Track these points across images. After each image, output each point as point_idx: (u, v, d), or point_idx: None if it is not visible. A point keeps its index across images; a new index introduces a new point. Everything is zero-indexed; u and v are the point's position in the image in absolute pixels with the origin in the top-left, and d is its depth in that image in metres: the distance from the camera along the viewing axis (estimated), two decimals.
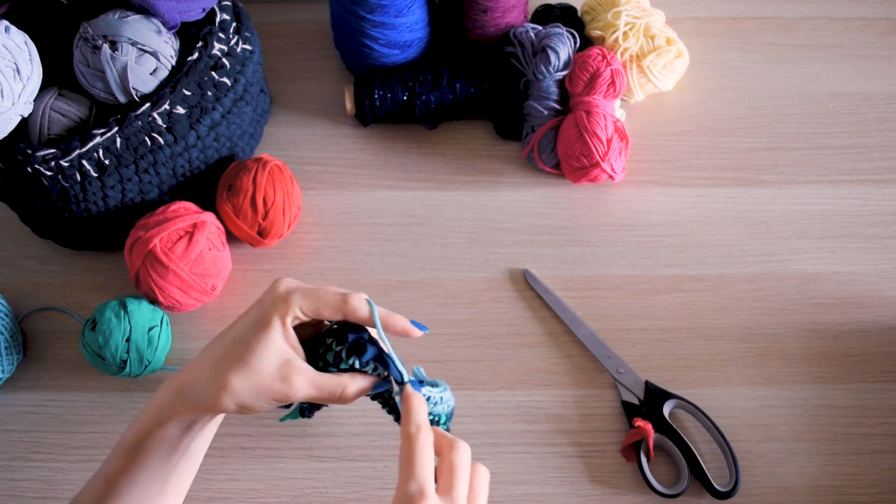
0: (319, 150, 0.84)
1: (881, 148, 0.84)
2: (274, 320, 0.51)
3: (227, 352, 0.51)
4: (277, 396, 0.51)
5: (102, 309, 0.69)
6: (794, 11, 0.93)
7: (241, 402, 0.50)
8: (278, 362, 0.51)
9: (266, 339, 0.51)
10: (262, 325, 0.51)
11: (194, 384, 0.51)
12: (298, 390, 0.51)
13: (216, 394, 0.50)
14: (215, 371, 0.51)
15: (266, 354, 0.50)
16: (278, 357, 0.51)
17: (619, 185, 0.81)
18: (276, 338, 0.51)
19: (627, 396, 0.70)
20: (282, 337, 0.51)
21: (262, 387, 0.50)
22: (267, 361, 0.50)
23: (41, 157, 0.66)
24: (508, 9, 0.82)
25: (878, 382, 0.72)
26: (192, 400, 0.51)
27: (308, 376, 0.51)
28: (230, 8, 0.75)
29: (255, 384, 0.50)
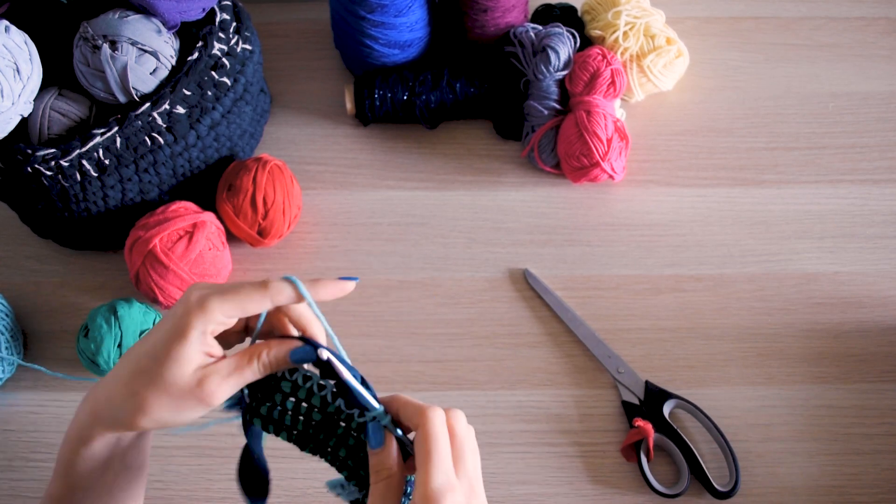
0: (319, 149, 0.84)
1: (881, 148, 0.84)
2: (191, 331, 0.46)
3: (140, 367, 0.47)
4: (198, 405, 0.47)
5: (94, 315, 0.69)
6: (793, 11, 0.93)
7: (161, 419, 0.47)
8: (192, 370, 0.46)
9: (182, 350, 0.46)
10: (177, 336, 0.46)
11: (109, 403, 0.48)
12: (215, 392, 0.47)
13: (133, 413, 0.47)
14: (129, 389, 0.47)
15: (180, 369, 0.46)
16: (192, 365, 0.46)
17: (619, 184, 0.81)
18: (191, 351, 0.46)
19: (627, 396, 0.70)
20: (198, 349, 0.47)
21: (180, 399, 0.46)
22: (180, 375, 0.46)
23: (41, 157, 0.66)
24: (508, 8, 0.82)
25: (878, 382, 0.72)
26: (109, 420, 0.48)
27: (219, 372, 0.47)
28: (230, 8, 0.75)
29: (174, 397, 0.46)
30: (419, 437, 0.46)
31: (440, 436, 0.45)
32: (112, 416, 0.48)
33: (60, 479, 0.50)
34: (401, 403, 0.48)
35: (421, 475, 0.44)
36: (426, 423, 0.46)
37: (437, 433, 0.45)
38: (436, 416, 0.46)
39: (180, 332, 0.46)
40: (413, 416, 0.47)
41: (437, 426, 0.46)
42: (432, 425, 0.46)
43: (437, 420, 0.46)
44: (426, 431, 0.45)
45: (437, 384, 0.72)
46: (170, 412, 0.47)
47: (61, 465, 0.50)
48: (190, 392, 0.46)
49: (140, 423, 0.47)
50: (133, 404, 0.47)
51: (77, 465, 0.50)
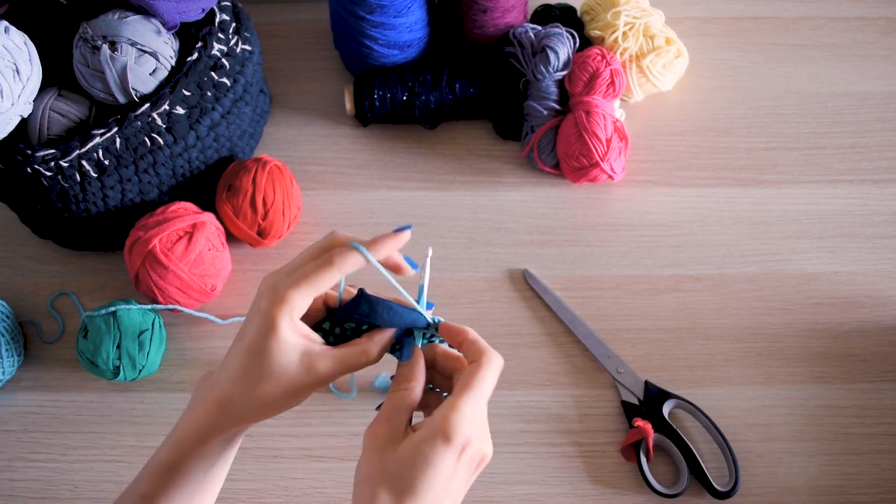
0: (319, 150, 0.84)
1: (880, 148, 0.84)
2: (280, 324, 0.50)
3: (247, 365, 0.50)
4: (310, 388, 0.50)
5: (92, 316, 0.69)
6: (793, 11, 0.93)
7: (280, 406, 0.50)
8: (297, 357, 0.50)
9: (279, 343, 0.50)
10: (269, 332, 0.50)
11: (232, 401, 0.51)
12: (326, 374, 0.50)
13: (256, 408, 0.50)
14: (247, 386, 0.50)
15: (284, 357, 0.49)
16: (296, 353, 0.50)
17: (619, 185, 0.81)
18: (287, 338, 0.50)
19: (627, 396, 0.70)
20: (292, 334, 0.50)
21: (292, 386, 0.50)
22: (287, 361, 0.50)
23: (41, 158, 0.66)
24: (508, 9, 0.82)
25: (878, 382, 0.72)
26: (236, 416, 0.51)
27: (330, 356, 0.50)
28: (230, 8, 0.75)
29: (287, 386, 0.50)
30: (471, 369, 0.48)
31: (489, 379, 0.48)
32: (238, 413, 0.51)
33: (158, 478, 0.51)
34: (468, 338, 0.51)
35: (455, 398, 0.47)
36: (484, 363, 0.49)
37: (492, 373, 0.49)
38: (497, 360, 0.49)
39: (270, 327, 0.49)
40: (474, 353, 0.50)
41: (493, 371, 0.49)
42: (489, 366, 0.49)
43: (496, 364, 0.49)
44: (483, 366, 0.48)
45: None
46: (286, 397, 0.50)
47: (165, 464, 0.51)
48: (300, 377, 0.49)
49: (265, 414, 0.50)
50: (254, 400, 0.50)
51: (187, 463, 0.51)
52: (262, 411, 0.50)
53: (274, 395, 0.50)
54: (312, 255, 0.51)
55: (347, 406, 0.70)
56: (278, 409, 0.51)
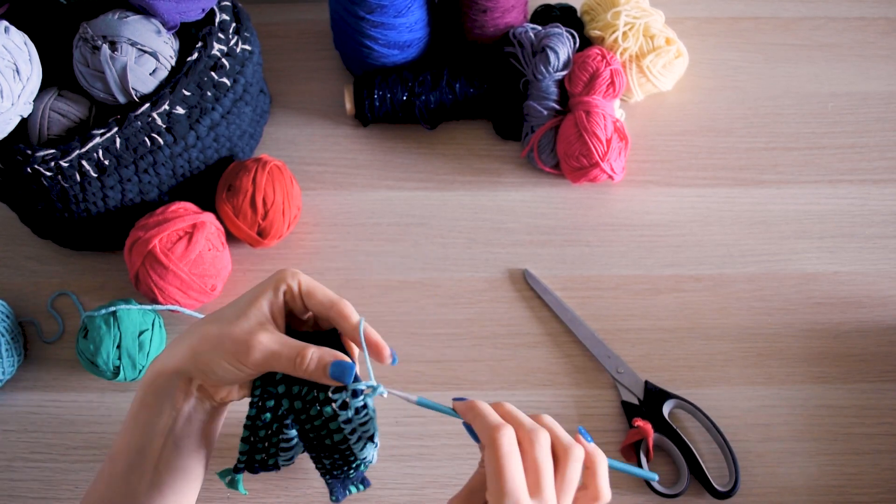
0: (319, 150, 0.84)
1: (880, 148, 0.84)
2: (267, 289, 0.51)
3: (219, 313, 0.52)
4: (238, 347, 0.49)
5: (92, 316, 0.69)
6: (793, 11, 0.93)
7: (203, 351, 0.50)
8: (254, 321, 0.50)
9: (254, 302, 0.51)
10: (256, 291, 0.52)
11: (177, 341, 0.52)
12: (261, 343, 0.49)
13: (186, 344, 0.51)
14: (197, 325, 0.52)
15: (245, 313, 0.50)
16: (256, 318, 0.50)
17: (619, 185, 0.81)
18: (262, 302, 0.51)
19: (627, 396, 0.70)
20: (268, 304, 0.51)
21: (228, 335, 0.49)
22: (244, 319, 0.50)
23: (41, 158, 0.66)
24: (508, 9, 0.82)
25: (878, 382, 0.72)
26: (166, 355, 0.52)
27: (276, 336, 0.50)
28: (230, 8, 0.75)
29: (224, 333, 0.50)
30: (487, 458, 0.46)
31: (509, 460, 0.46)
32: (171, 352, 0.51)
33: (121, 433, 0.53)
34: (474, 415, 0.49)
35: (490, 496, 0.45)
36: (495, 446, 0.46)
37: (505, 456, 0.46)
38: (505, 435, 0.46)
39: (260, 289, 0.52)
40: (482, 433, 0.48)
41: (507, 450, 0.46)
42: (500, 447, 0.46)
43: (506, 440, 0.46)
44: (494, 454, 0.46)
45: (437, 384, 0.72)
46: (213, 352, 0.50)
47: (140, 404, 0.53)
48: (240, 333, 0.49)
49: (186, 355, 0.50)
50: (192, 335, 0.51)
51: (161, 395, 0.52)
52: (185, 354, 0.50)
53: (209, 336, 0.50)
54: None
55: None
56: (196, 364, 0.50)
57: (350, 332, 0.52)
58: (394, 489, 0.67)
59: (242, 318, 0.50)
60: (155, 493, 0.51)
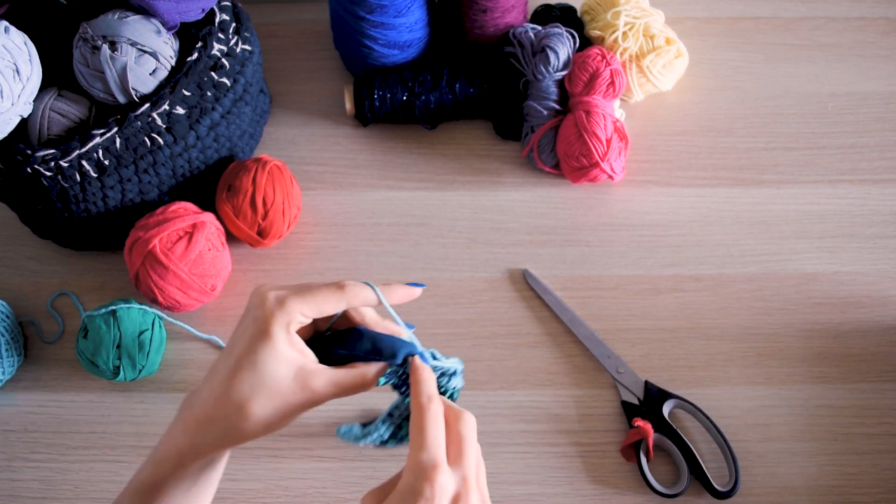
0: (319, 150, 0.84)
1: (880, 148, 0.84)
2: (276, 332, 0.47)
3: (236, 377, 0.47)
4: (302, 408, 0.48)
5: (92, 316, 0.69)
6: (793, 11, 0.93)
7: (268, 425, 0.48)
8: (292, 372, 0.47)
9: (273, 353, 0.47)
10: (264, 339, 0.47)
11: (213, 421, 0.48)
12: (321, 394, 0.48)
13: (240, 427, 0.47)
14: (232, 403, 0.47)
15: (279, 369, 0.47)
16: (290, 368, 0.47)
17: (619, 185, 0.81)
18: (283, 349, 0.47)
19: (627, 396, 0.70)
20: (288, 346, 0.48)
21: (284, 404, 0.47)
22: (281, 375, 0.47)
23: (41, 158, 0.66)
24: (508, 9, 0.82)
25: (878, 382, 0.72)
26: (215, 438, 0.48)
27: (326, 377, 0.48)
28: (230, 8, 0.75)
29: (277, 404, 0.47)
30: (453, 435, 0.47)
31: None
32: (218, 435, 0.48)
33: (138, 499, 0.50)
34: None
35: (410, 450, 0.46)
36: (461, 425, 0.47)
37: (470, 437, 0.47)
38: (471, 420, 0.48)
39: (266, 335, 0.47)
40: (448, 416, 0.48)
41: (471, 431, 0.47)
42: (466, 428, 0.47)
43: (471, 425, 0.47)
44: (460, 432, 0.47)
45: None
46: (274, 416, 0.47)
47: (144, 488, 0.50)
48: (293, 395, 0.47)
49: (248, 434, 0.47)
50: (239, 417, 0.47)
51: (166, 486, 0.49)
52: (246, 432, 0.47)
53: (262, 413, 0.47)
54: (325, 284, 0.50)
55: (348, 407, 0.70)
56: (264, 431, 0.48)
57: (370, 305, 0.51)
58: None
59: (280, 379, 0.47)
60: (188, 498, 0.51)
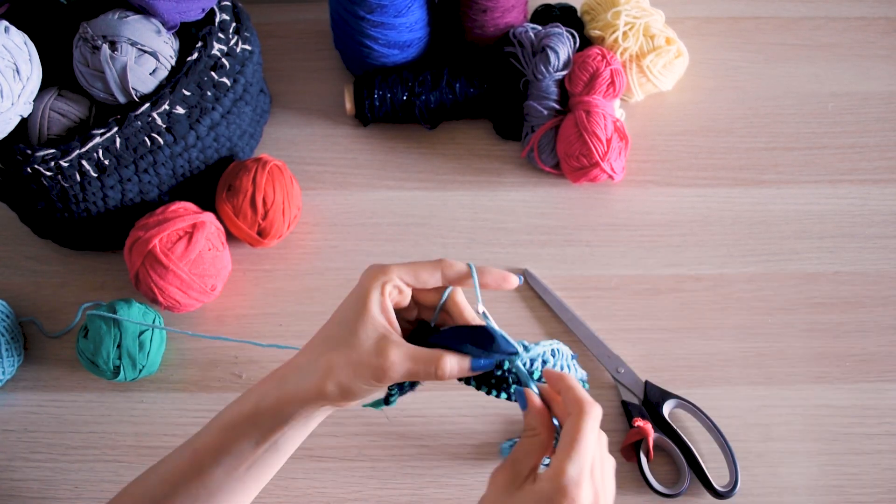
0: (319, 150, 0.84)
1: (881, 148, 0.84)
2: (372, 292, 0.50)
3: (328, 333, 0.51)
4: (375, 373, 0.49)
5: (93, 316, 0.69)
6: (793, 11, 0.93)
7: (341, 382, 0.49)
8: (375, 336, 0.50)
9: (364, 313, 0.50)
10: (360, 299, 0.51)
11: (298, 369, 0.51)
12: (395, 364, 0.49)
13: (318, 376, 0.50)
14: (316, 353, 0.51)
15: (363, 329, 0.50)
16: (374, 331, 0.50)
17: (619, 185, 0.81)
18: (373, 310, 0.50)
19: (627, 396, 0.70)
20: (379, 309, 0.50)
21: (358, 362, 0.49)
22: (364, 336, 0.49)
23: (41, 158, 0.66)
24: (508, 9, 0.82)
25: (878, 382, 0.72)
26: (293, 386, 0.50)
27: (404, 349, 0.50)
28: (230, 8, 0.75)
29: (353, 360, 0.49)
30: (571, 423, 0.47)
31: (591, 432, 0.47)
32: (296, 383, 0.50)
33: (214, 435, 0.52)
34: (565, 386, 0.49)
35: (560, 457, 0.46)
36: (584, 416, 0.47)
37: (590, 428, 0.47)
38: (595, 411, 0.48)
39: (364, 294, 0.51)
40: (572, 404, 0.48)
41: (592, 423, 0.47)
42: (588, 419, 0.47)
43: (594, 416, 0.47)
44: (581, 422, 0.47)
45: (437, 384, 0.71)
46: (348, 373, 0.49)
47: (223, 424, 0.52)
48: (369, 357, 0.49)
49: (324, 386, 0.49)
50: (318, 365, 0.50)
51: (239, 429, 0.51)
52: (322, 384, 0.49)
53: (338, 365, 0.49)
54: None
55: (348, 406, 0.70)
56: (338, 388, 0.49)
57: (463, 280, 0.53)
58: (394, 489, 0.67)
59: (363, 337, 0.49)
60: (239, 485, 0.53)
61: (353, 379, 0.49)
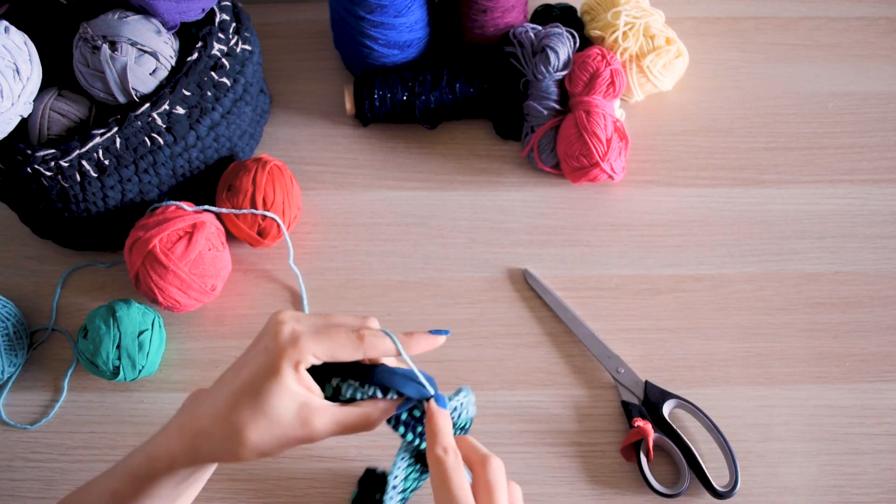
0: (319, 150, 0.84)
1: (881, 148, 0.84)
2: (285, 367, 0.48)
3: (239, 402, 0.48)
4: (300, 442, 0.48)
5: (92, 316, 0.69)
6: (793, 11, 0.93)
7: (262, 452, 0.48)
8: (295, 408, 0.48)
9: (279, 387, 0.47)
10: (272, 372, 0.48)
11: (210, 438, 0.49)
12: (321, 432, 0.48)
13: (235, 449, 0.48)
14: (230, 426, 0.48)
15: (282, 403, 0.47)
16: (294, 402, 0.48)
17: (619, 185, 0.81)
18: (289, 384, 0.48)
19: (627, 396, 0.70)
20: (295, 382, 0.48)
21: (282, 436, 0.48)
22: (283, 409, 0.47)
23: (41, 158, 0.66)
24: (508, 9, 0.82)
25: (878, 382, 0.72)
26: (209, 453, 0.49)
27: (329, 414, 0.49)
28: (230, 8, 0.75)
29: (275, 434, 0.48)
30: (482, 483, 0.48)
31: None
32: (212, 451, 0.49)
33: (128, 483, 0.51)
34: (466, 446, 0.50)
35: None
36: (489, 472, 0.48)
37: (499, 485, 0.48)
38: (498, 466, 0.49)
39: (274, 369, 0.48)
40: (474, 463, 0.49)
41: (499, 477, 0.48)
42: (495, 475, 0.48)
43: (499, 470, 0.48)
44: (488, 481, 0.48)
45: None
46: (271, 445, 0.48)
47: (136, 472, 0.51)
48: (293, 429, 0.48)
49: (242, 457, 0.48)
50: (235, 441, 0.48)
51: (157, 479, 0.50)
52: (240, 455, 0.48)
53: (257, 441, 0.47)
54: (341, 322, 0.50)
55: None
56: (257, 457, 0.48)
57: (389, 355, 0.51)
58: None
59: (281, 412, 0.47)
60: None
61: (276, 448, 0.48)
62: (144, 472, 0.50)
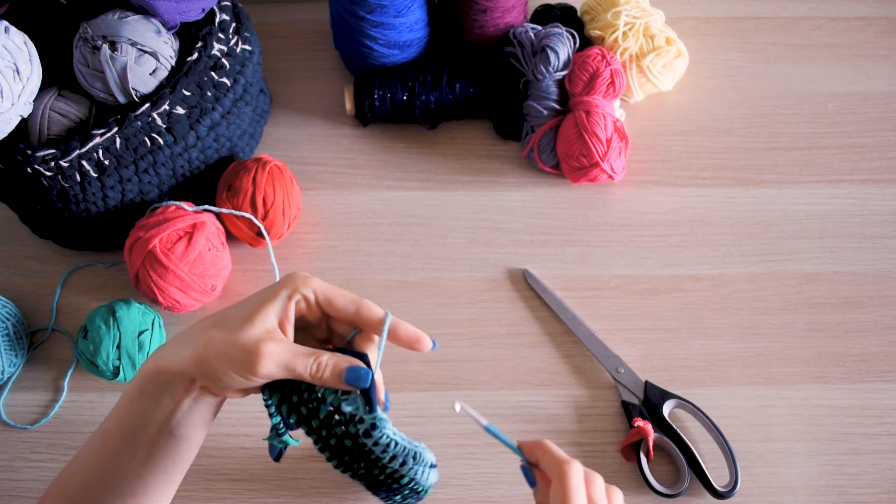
0: (319, 150, 0.84)
1: (881, 148, 0.84)
2: (281, 293, 0.50)
3: (223, 314, 0.50)
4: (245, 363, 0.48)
5: (92, 316, 0.69)
6: (793, 11, 0.93)
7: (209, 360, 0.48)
8: (261, 331, 0.48)
9: (262, 308, 0.49)
10: (267, 297, 0.50)
11: (180, 339, 0.51)
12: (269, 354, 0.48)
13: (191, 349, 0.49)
14: (201, 327, 0.50)
15: (252, 321, 0.48)
16: (263, 326, 0.48)
17: (619, 185, 0.81)
18: (271, 311, 0.49)
19: (627, 396, 0.70)
20: (278, 311, 0.49)
21: (233, 344, 0.48)
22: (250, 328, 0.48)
23: (41, 158, 0.66)
24: (508, 9, 0.82)
25: (878, 382, 0.72)
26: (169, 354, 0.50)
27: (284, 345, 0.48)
28: (230, 8, 0.75)
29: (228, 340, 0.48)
30: (556, 489, 0.49)
31: (578, 492, 0.48)
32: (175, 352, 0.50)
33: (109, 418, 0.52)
34: (543, 451, 0.51)
35: None
36: (565, 479, 0.49)
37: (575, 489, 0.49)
38: (574, 471, 0.49)
39: (273, 292, 0.50)
40: (551, 467, 0.50)
41: (576, 482, 0.49)
42: (571, 480, 0.49)
43: (575, 476, 0.49)
44: (565, 487, 0.48)
45: (437, 384, 0.72)
46: (219, 359, 0.48)
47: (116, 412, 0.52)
48: (245, 346, 0.48)
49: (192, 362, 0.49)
50: (198, 339, 0.49)
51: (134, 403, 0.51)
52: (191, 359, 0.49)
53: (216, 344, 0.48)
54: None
55: None
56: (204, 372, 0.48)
57: (377, 327, 0.51)
58: None
59: (248, 325, 0.48)
60: (145, 472, 0.51)
61: (220, 360, 0.48)
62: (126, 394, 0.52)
